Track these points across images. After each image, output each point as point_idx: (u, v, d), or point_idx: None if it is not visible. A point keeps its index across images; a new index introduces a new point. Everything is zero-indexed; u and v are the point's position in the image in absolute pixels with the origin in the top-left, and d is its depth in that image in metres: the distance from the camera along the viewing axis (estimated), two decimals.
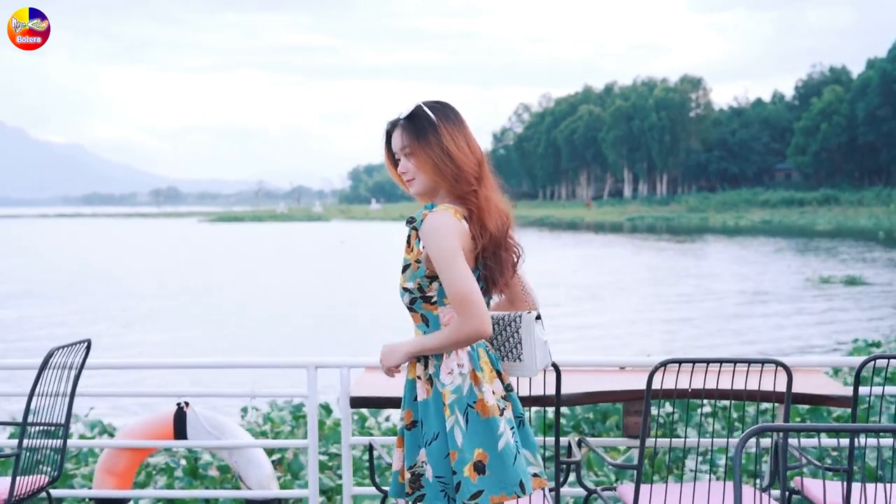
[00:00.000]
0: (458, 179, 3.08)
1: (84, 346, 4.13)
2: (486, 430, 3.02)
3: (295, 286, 29.57)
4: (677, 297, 24.24)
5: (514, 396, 3.14)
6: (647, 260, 37.68)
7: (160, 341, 18.62)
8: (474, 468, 3.00)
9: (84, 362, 4.15)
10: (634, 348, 16.34)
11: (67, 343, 4.01)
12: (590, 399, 3.95)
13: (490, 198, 3.11)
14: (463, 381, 3.06)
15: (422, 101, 3.17)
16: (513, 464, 3.01)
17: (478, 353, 3.10)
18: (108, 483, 4.94)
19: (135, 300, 25.93)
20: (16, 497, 3.85)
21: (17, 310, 24.20)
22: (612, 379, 4.29)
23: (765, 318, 20.40)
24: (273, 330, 19.83)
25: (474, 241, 3.07)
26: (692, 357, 3.35)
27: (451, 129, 3.11)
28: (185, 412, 4.85)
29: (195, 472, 6.37)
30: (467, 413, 3.03)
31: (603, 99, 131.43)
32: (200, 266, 38.77)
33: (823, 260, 35.85)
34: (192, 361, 4.94)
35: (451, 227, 3.02)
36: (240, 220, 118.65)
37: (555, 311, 20.81)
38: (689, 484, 3.57)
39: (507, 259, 3.18)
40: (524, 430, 3.14)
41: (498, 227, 3.12)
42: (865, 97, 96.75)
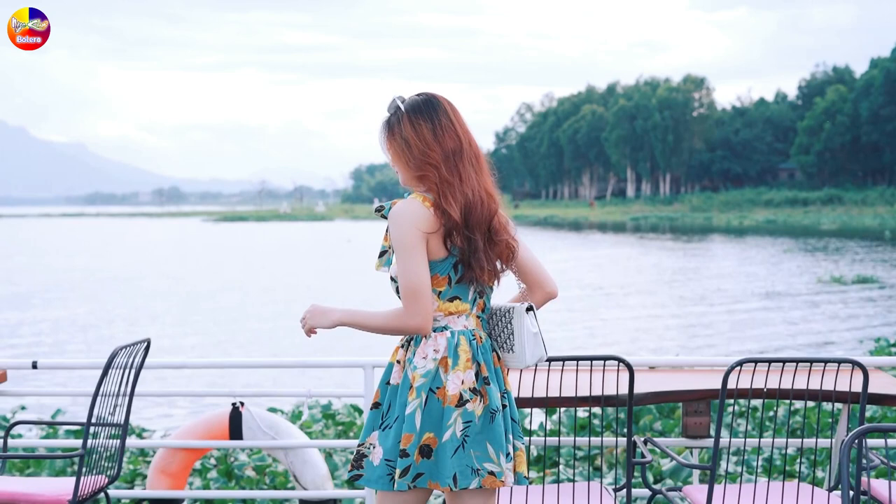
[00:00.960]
0: (420, 168, 3.15)
1: (144, 345, 4.12)
2: (439, 417, 3.09)
3: (310, 286, 29.54)
4: (695, 298, 24.14)
5: (491, 390, 3.15)
6: (658, 260, 37.56)
7: (195, 343, 18.48)
8: (420, 451, 3.08)
9: (143, 362, 4.13)
10: (671, 348, 16.28)
11: (129, 343, 3.99)
12: (659, 399, 3.92)
13: (453, 183, 3.12)
14: (433, 367, 3.13)
15: (403, 94, 3.25)
16: (451, 456, 3.07)
17: (458, 340, 3.15)
18: (162, 483, 4.91)
19: (157, 301, 25.86)
20: (79, 497, 3.84)
21: (35, 311, 24.10)
22: (671, 379, 4.26)
23: (782, 319, 20.33)
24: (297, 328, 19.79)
25: (438, 226, 3.12)
26: (768, 357, 3.33)
27: (416, 118, 3.17)
28: (240, 412, 4.82)
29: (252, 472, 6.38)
30: (428, 397, 3.10)
31: (606, 98, 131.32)
32: (215, 266, 38.62)
33: (833, 260, 35.77)
34: (247, 361, 4.91)
35: (413, 216, 3.09)
36: (244, 219, 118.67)
37: (581, 309, 20.79)
38: (761, 484, 3.55)
39: (491, 247, 3.19)
40: (494, 426, 3.13)
41: (466, 213, 3.12)
42: (869, 96, 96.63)
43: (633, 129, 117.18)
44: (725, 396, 3.31)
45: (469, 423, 3.09)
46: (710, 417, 4.32)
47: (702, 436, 4.38)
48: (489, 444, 3.11)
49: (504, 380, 3.24)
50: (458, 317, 3.20)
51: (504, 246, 3.21)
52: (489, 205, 3.18)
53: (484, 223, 3.16)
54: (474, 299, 3.23)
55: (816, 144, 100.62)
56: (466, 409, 3.10)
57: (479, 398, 3.13)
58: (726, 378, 3.28)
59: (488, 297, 3.29)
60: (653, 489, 3.80)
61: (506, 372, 3.26)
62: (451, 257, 3.16)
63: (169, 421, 9.82)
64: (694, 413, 4.30)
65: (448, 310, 3.19)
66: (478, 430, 3.11)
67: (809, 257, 37.45)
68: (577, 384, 3.54)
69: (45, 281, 32.59)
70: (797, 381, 3.46)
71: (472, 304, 3.22)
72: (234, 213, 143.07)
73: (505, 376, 3.25)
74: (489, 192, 3.20)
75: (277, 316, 22.09)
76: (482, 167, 3.22)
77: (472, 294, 3.23)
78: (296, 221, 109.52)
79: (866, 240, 49.31)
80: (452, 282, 3.18)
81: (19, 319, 22.47)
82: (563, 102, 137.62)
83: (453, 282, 3.18)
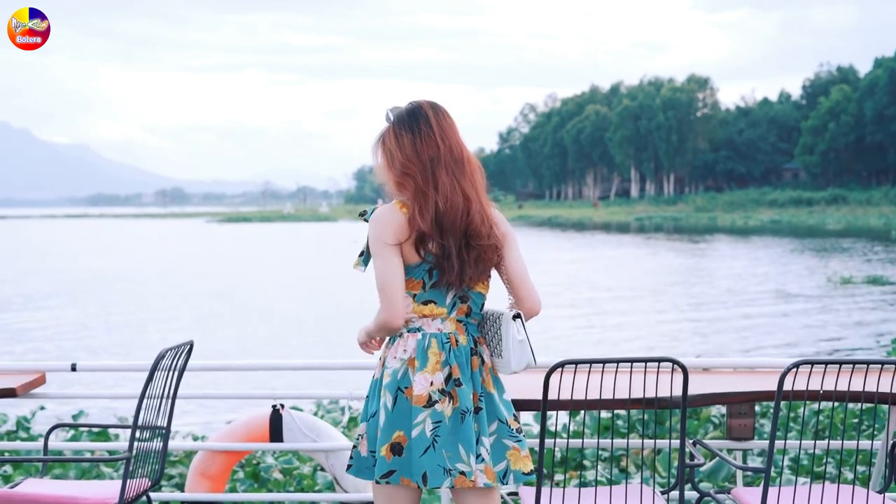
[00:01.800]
0: (399, 177, 3.28)
1: (187, 347, 4.10)
2: (408, 416, 3.21)
3: (324, 286, 29.42)
4: (710, 300, 24.03)
5: (463, 392, 3.23)
6: (669, 261, 37.42)
7: (225, 344, 18.35)
8: (391, 449, 3.20)
9: (186, 364, 4.11)
10: (693, 350, 16.20)
11: (174, 345, 3.97)
12: (706, 401, 3.89)
13: (427, 193, 3.22)
14: (401, 367, 3.25)
15: (398, 105, 3.38)
16: (421, 455, 3.17)
17: (428, 343, 3.26)
18: (201, 486, 4.89)
19: (175, 302, 25.77)
20: (125, 501, 3.82)
21: (52, 311, 24.04)
22: (713, 381, 4.24)
23: (797, 320, 20.26)
24: (321, 329, 19.81)
25: (410, 233, 3.23)
26: (826, 359, 3.30)
27: (400, 129, 3.30)
28: (280, 414, 4.80)
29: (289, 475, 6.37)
30: (397, 396, 3.23)
31: (609, 99, 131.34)
32: (227, 267, 38.54)
33: (842, 260, 35.69)
34: (288, 363, 4.88)
35: (384, 219, 3.25)
36: (248, 220, 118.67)
37: (597, 311, 20.72)
38: (815, 487, 3.52)
39: (468, 251, 3.26)
40: (464, 427, 3.20)
41: (437, 220, 3.22)
42: (873, 96, 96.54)
43: (637, 130, 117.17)
44: (781, 398, 3.29)
45: (439, 423, 3.20)
46: (754, 419, 4.30)
47: (746, 438, 4.36)
48: (460, 445, 3.20)
49: (485, 382, 3.31)
50: (433, 320, 3.30)
51: (483, 250, 3.28)
52: (466, 208, 3.26)
53: (458, 228, 3.25)
54: (454, 304, 3.32)
55: (821, 144, 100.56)
56: (436, 410, 3.21)
57: (449, 399, 3.22)
58: (782, 380, 3.26)
59: (475, 301, 3.35)
60: (701, 492, 3.78)
61: (487, 374, 3.33)
62: (425, 263, 3.27)
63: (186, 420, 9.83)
64: (738, 415, 4.29)
65: (422, 312, 3.29)
66: (448, 431, 3.20)
67: (817, 258, 37.37)
68: (629, 386, 3.51)
69: (61, 281, 32.49)
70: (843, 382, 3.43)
71: (450, 309, 3.31)
72: (239, 214, 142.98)
73: (484, 379, 3.32)
74: (467, 196, 3.27)
75: (304, 317, 21.91)
76: (465, 171, 3.30)
77: (452, 298, 3.31)
78: (300, 222, 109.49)
79: (872, 240, 49.24)
80: (427, 286, 3.28)
81: (40, 321, 22.33)
82: (567, 103, 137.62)
83: (427, 286, 3.29)
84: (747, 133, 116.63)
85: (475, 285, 3.33)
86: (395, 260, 3.24)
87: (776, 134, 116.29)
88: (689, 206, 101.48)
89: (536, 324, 14.09)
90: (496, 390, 3.34)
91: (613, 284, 28.28)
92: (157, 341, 18.36)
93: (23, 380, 4.49)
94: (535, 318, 3.42)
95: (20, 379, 4.51)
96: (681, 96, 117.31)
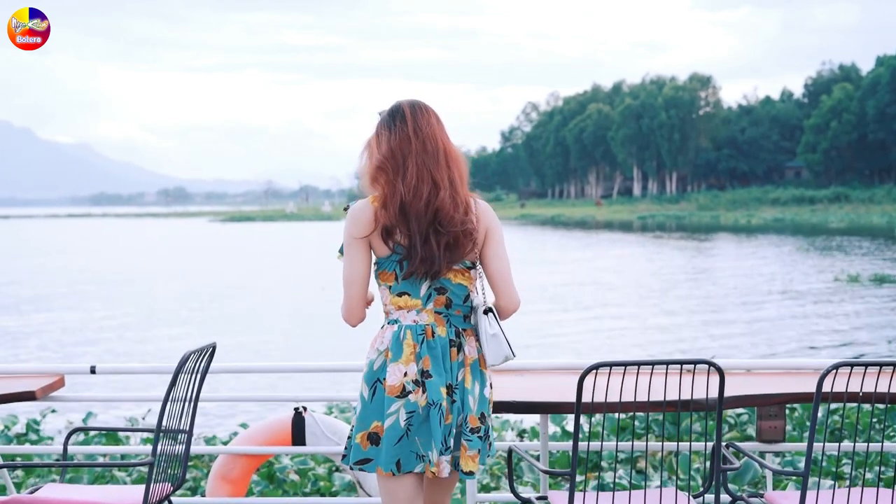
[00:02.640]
0: (372, 172, 3.41)
1: (210, 350, 4.03)
2: (383, 406, 3.32)
3: (334, 286, 29.19)
4: (719, 299, 23.88)
5: (431, 384, 3.30)
6: (677, 261, 37.19)
7: (234, 345, 18.05)
8: (368, 438, 3.34)
9: (208, 366, 4.05)
10: (711, 350, 16.05)
11: (197, 348, 3.90)
12: (745, 403, 3.82)
13: (395, 185, 3.33)
14: (377, 357, 3.37)
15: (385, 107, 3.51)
16: (394, 444, 3.30)
17: (403, 334, 3.36)
18: (222, 490, 4.81)
19: (184, 302, 25.59)
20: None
21: (62, 313, 23.90)
22: (745, 382, 4.17)
23: (807, 319, 20.14)
24: (334, 330, 19.63)
25: (376, 226, 3.36)
26: (865, 360, 3.24)
27: (381, 129, 3.45)
28: (303, 417, 4.72)
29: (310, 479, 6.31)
30: (375, 386, 3.35)
31: (612, 97, 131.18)
32: (235, 267, 38.27)
33: (848, 259, 35.53)
34: (311, 365, 4.80)
35: (356, 216, 3.38)
36: (251, 219, 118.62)
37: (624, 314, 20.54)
38: (855, 490, 3.46)
39: (437, 238, 3.33)
40: (429, 420, 3.30)
41: (402, 210, 3.31)
42: (876, 94, 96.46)
43: (640, 128, 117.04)
44: (820, 400, 3.23)
45: (412, 412, 3.30)
46: (785, 421, 4.24)
47: (776, 440, 4.29)
48: (424, 436, 3.31)
49: (463, 374, 3.37)
50: (409, 311, 3.38)
51: (453, 237, 3.33)
52: (434, 194, 3.33)
53: (425, 216, 3.32)
54: (429, 295, 3.39)
55: (823, 143, 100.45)
56: (409, 400, 3.31)
57: (423, 390, 3.31)
58: (821, 382, 3.20)
59: (455, 292, 3.40)
60: (733, 495, 3.71)
61: (466, 367, 3.39)
62: (395, 254, 3.37)
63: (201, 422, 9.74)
64: (769, 417, 4.22)
65: (398, 304, 3.40)
66: (421, 420, 3.30)
67: (823, 256, 37.22)
68: (663, 388, 3.45)
69: (70, 282, 32.30)
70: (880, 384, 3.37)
71: (425, 300, 3.38)
72: (241, 214, 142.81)
73: (465, 371, 3.38)
74: (437, 184, 3.34)
75: (315, 315, 21.66)
76: (439, 161, 3.38)
77: (427, 290, 3.38)
78: (303, 221, 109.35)
79: (876, 238, 49.11)
80: (399, 277, 3.38)
81: (52, 322, 22.16)
82: (569, 102, 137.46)
83: (399, 277, 3.38)
84: (749, 131, 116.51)
85: (451, 275, 3.39)
86: (359, 257, 3.39)
87: (778, 132, 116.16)
88: (691, 204, 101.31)
89: (561, 325, 14.00)
90: (474, 384, 3.39)
91: (625, 284, 28.05)
92: (171, 343, 18.24)
93: (41, 383, 4.43)
94: (555, 319, 3.45)
95: (39, 382, 4.44)
96: (683, 95, 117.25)
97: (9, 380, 4.54)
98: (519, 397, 3.90)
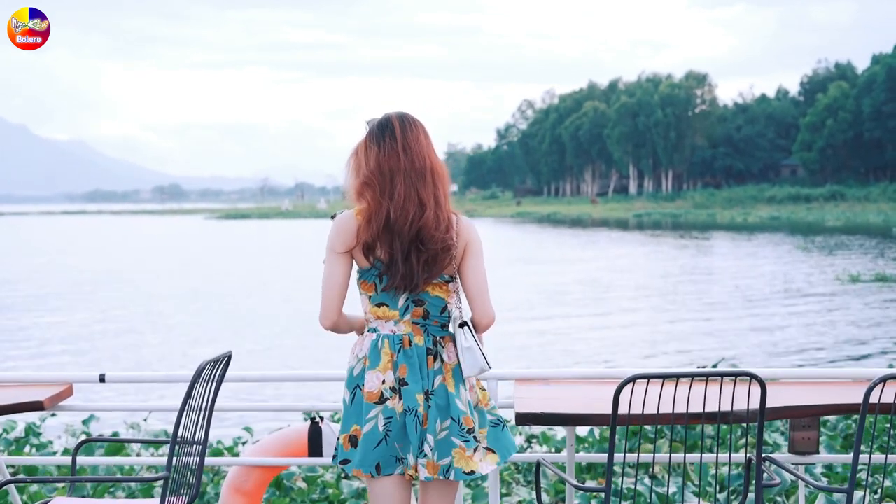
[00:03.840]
0: (360, 188, 3.44)
1: (225, 359, 3.89)
2: (361, 411, 3.43)
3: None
4: (726, 300, 23.53)
5: (407, 391, 3.39)
6: (678, 260, 36.81)
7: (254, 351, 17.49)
8: (349, 440, 3.46)
9: (223, 375, 3.91)
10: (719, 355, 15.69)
11: (213, 357, 3.77)
12: (782, 414, 3.68)
13: (381, 203, 3.37)
14: (356, 364, 3.48)
15: (373, 118, 3.54)
16: (373, 448, 3.39)
17: (381, 343, 3.44)
18: (236, 502, 4.68)
19: (189, 303, 25.07)
20: None
21: (63, 314, 23.52)
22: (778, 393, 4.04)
23: (813, 320, 19.86)
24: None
25: (358, 240, 3.41)
26: None
27: (370, 143, 3.47)
28: (319, 427, 4.58)
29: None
30: (355, 392, 3.45)
31: (608, 95, 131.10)
32: (233, 266, 37.67)
33: (847, 257, 35.35)
34: (327, 374, 4.65)
35: (337, 226, 3.44)
36: (246, 217, 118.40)
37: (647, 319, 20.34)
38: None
39: (417, 255, 3.39)
40: (406, 424, 3.38)
41: (387, 227, 3.37)
42: (871, 93, 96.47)
43: (636, 126, 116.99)
44: (867, 412, 3.11)
45: (390, 418, 3.39)
46: (818, 432, 4.11)
47: (810, 452, 4.17)
48: (401, 442, 3.41)
49: (444, 380, 3.43)
50: (387, 322, 3.47)
51: (433, 254, 3.39)
52: (420, 215, 3.38)
53: (407, 234, 3.37)
54: (407, 307, 3.45)
55: (819, 141, 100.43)
56: (387, 406, 3.40)
57: (399, 397, 3.40)
58: (868, 394, 3.09)
59: (433, 304, 3.47)
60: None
61: (448, 373, 3.44)
62: (374, 268, 3.44)
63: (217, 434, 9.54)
64: (802, 428, 4.10)
65: (376, 314, 3.48)
66: (399, 426, 3.39)
67: (822, 255, 37.02)
68: (701, 399, 3.31)
69: (68, 282, 31.74)
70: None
71: (403, 311, 3.45)
72: (237, 211, 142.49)
73: (446, 377, 3.43)
74: (423, 203, 3.39)
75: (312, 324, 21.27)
76: (426, 179, 3.42)
77: (404, 302, 3.45)
78: (298, 219, 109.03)
79: (872, 237, 49.01)
80: (378, 289, 3.46)
81: (55, 324, 21.67)
82: (565, 99, 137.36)
83: (379, 289, 3.45)
84: (745, 129, 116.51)
85: (430, 288, 3.46)
86: (338, 269, 3.45)
87: (774, 130, 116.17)
88: (687, 202, 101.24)
89: (576, 329, 13.67)
90: (458, 388, 3.46)
91: (632, 285, 27.66)
92: (179, 347, 17.83)
93: (49, 392, 4.28)
94: (569, 324, 3.38)
95: (46, 391, 4.29)
96: (679, 93, 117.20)
97: (15, 389, 4.39)
98: (545, 408, 3.76)
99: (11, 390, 4.36)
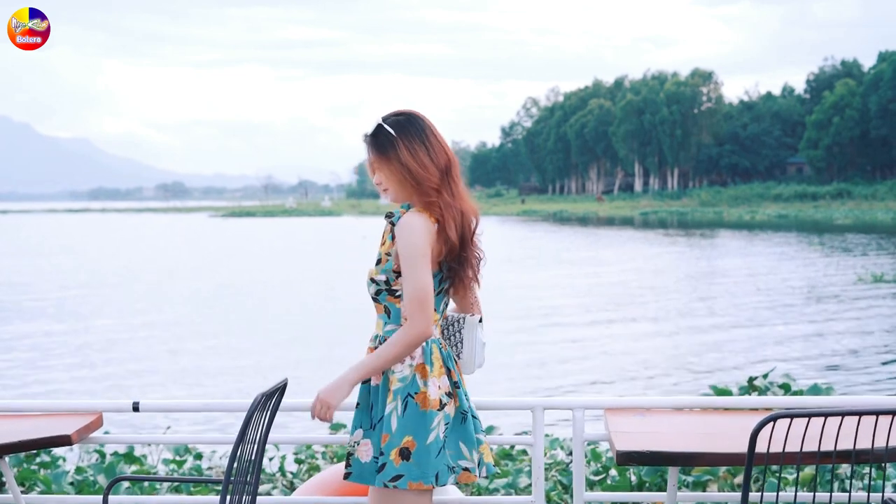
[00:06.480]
0: (419, 191, 3.30)
1: (281, 386, 3.45)
2: (421, 421, 3.25)
3: (350, 286, 27.44)
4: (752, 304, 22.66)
5: (461, 393, 3.36)
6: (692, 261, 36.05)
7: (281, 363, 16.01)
8: (399, 454, 3.24)
9: (278, 406, 3.47)
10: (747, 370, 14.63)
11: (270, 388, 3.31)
12: None
13: (452, 205, 3.30)
14: (410, 372, 3.30)
15: (385, 116, 3.38)
16: (435, 457, 3.24)
17: (430, 349, 3.32)
18: None
19: (205, 310, 23.64)
20: None
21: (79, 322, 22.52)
22: None
23: (844, 325, 19.02)
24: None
25: (440, 246, 3.29)
26: None
27: (411, 142, 3.30)
28: None
29: None
30: (406, 402, 3.27)
31: (613, 93, 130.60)
32: (247, 267, 36.66)
33: (863, 256, 34.83)
34: None
35: (423, 228, 3.25)
36: (251, 214, 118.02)
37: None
38: None
39: (470, 262, 3.38)
40: (465, 426, 3.33)
41: (459, 233, 3.31)
42: (878, 90, 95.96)
43: (641, 124, 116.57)
44: None
45: (447, 424, 3.30)
46: None
47: None
48: (462, 443, 3.32)
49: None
50: (435, 327, 3.39)
51: (475, 257, 3.39)
52: (473, 219, 3.37)
53: (468, 241, 3.36)
54: (442, 310, 3.44)
55: (825, 139, 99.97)
56: (446, 412, 3.30)
57: (452, 401, 3.33)
58: None
59: (447, 306, 3.48)
60: None
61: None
62: (440, 272, 3.34)
63: None
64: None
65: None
66: (451, 431, 3.31)
67: (838, 254, 36.45)
68: (839, 436, 2.84)
69: (78, 284, 30.64)
70: None
71: (440, 315, 3.43)
72: (241, 209, 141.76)
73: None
74: (473, 207, 3.37)
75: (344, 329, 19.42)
76: (459, 184, 3.38)
77: (443, 306, 3.43)
78: (302, 217, 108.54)
79: (882, 235, 48.46)
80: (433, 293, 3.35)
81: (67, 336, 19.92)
82: (570, 97, 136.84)
83: (434, 293, 3.34)
84: (751, 127, 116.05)
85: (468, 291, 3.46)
86: (430, 268, 3.28)
87: (780, 128, 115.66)
88: (693, 200, 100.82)
89: (618, 339, 12.73)
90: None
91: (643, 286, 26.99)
92: (203, 360, 16.48)
93: (77, 423, 3.80)
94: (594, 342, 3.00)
95: (75, 423, 3.81)
96: (684, 90, 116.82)
97: (40, 419, 3.92)
98: (649, 445, 3.29)
99: (35, 420, 3.89)
